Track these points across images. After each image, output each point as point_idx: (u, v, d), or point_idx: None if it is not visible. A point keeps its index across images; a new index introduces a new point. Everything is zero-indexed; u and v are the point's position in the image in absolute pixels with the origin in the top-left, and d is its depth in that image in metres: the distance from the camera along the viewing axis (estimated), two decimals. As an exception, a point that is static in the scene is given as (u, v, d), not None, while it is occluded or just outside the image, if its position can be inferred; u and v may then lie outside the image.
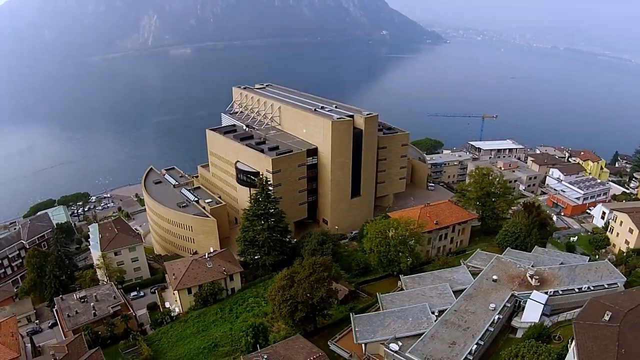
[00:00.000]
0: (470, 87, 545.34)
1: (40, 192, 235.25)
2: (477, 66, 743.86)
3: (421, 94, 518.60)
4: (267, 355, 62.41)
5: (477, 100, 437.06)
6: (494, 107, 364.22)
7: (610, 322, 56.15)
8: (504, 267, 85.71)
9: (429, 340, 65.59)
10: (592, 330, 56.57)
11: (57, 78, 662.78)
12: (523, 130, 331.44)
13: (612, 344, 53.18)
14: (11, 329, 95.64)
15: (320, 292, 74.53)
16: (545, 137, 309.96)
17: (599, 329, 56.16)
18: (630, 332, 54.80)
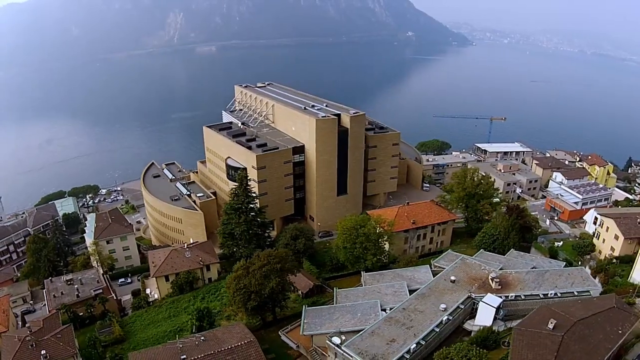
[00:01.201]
0: (489, 90, 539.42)
1: (55, 183, 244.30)
2: (500, 69, 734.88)
3: (442, 95, 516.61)
4: (203, 337, 64.87)
5: (493, 103, 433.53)
6: (509, 110, 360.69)
7: (554, 331, 54.23)
8: (467, 269, 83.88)
9: (368, 336, 65.48)
10: (532, 338, 54.86)
11: (83, 74, 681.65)
12: (536, 134, 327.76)
13: (550, 354, 51.37)
14: (3, 306, 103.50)
15: (272, 283, 76.73)
16: (560, 141, 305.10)
17: (540, 337, 54.39)
18: (575, 343, 53.06)
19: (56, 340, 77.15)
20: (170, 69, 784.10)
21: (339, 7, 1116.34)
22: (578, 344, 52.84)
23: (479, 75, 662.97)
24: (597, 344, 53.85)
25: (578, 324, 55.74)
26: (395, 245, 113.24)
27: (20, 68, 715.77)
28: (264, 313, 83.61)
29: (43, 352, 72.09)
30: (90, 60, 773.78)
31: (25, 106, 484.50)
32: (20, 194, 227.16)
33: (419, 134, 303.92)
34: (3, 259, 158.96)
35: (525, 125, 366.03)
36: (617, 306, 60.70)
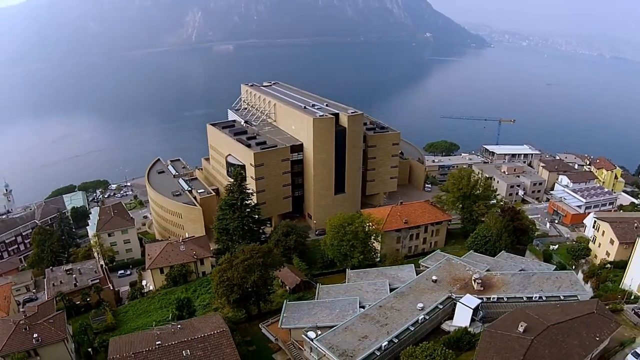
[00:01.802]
0: (503, 92, 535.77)
1: (67, 178, 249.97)
2: (516, 71, 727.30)
3: (457, 97, 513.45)
4: (180, 326, 66.99)
5: (507, 105, 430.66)
6: (522, 113, 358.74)
7: (524, 334, 53.47)
8: (451, 269, 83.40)
9: (341, 332, 66.27)
10: (501, 340, 54.45)
11: (100, 71, 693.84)
12: (548, 137, 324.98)
13: (517, 358, 50.76)
14: (5, 293, 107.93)
15: (254, 277, 78.37)
16: (574, 145, 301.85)
17: (509, 340, 53.76)
18: (545, 348, 52.18)
19: (48, 325, 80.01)
20: (187, 67, 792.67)
21: (357, 7, 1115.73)
22: (548, 349, 52.10)
23: (495, 78, 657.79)
24: (570, 349, 53.15)
25: (551, 329, 55.07)
26: (387, 245, 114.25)
27: (38, 64, 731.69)
28: (248, 306, 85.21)
29: (35, 335, 75.36)
30: (109, 57, 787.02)
31: (42, 102, 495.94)
32: (32, 188, 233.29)
33: (430, 134, 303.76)
34: (11, 249, 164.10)
35: (537, 128, 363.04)
36: (598, 312, 59.98)
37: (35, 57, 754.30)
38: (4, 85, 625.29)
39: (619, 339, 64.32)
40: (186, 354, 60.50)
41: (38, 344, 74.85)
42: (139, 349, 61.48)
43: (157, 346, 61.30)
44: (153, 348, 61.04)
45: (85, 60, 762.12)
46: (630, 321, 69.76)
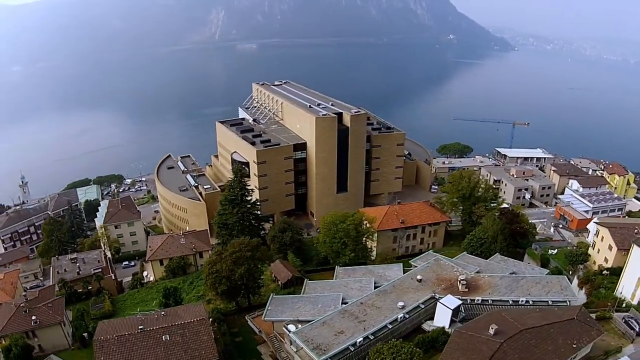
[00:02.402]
0: (524, 96, 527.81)
1: (84, 171, 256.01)
2: (538, 75, 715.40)
3: (477, 100, 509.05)
4: (164, 312, 69.77)
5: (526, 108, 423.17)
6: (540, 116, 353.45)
7: (494, 337, 53.10)
8: (439, 269, 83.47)
9: (318, 326, 67.31)
10: (470, 341, 54.44)
11: (124, 67, 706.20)
12: (565, 141, 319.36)
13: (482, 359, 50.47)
14: (12, 279, 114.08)
15: (241, 270, 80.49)
16: (592, 150, 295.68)
17: (478, 341, 53.55)
18: (515, 352, 51.72)
19: (47, 308, 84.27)
20: (209, 65, 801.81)
21: (381, 7, 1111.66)
22: (518, 353, 51.55)
23: (517, 81, 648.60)
24: (542, 355, 52.56)
25: (524, 333, 54.46)
26: (384, 244, 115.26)
27: (62, 59, 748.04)
28: (238, 298, 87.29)
29: (34, 317, 79.99)
30: (132, 54, 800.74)
31: (64, 97, 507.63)
32: (49, 181, 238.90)
33: (446, 136, 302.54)
34: (24, 238, 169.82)
35: (554, 132, 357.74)
36: (578, 319, 59.24)
37: (59, 53, 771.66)
38: (28, 80, 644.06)
39: (604, 348, 63.80)
40: (165, 338, 63.33)
41: (36, 326, 79.41)
42: (122, 332, 64.62)
43: (139, 330, 64.28)
44: (135, 332, 64.02)
45: (108, 57, 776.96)
46: (618, 330, 68.92)
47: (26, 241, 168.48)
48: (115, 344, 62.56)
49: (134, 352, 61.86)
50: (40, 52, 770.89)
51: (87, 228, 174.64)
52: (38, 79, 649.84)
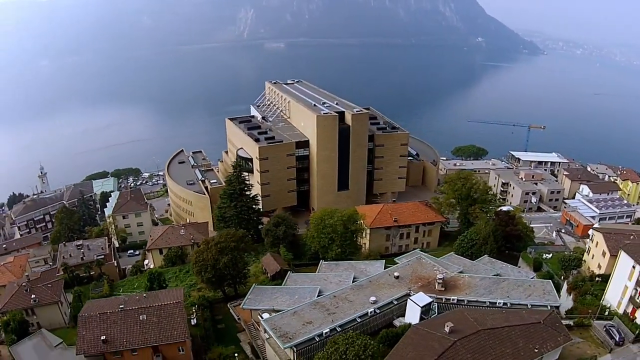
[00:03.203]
0: (548, 100, 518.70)
1: (104, 164, 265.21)
2: (565, 80, 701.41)
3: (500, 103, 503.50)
4: (145, 295, 74.60)
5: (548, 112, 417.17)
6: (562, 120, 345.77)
7: (449, 335, 53.46)
8: (419, 268, 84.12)
9: (289, 315, 69.78)
10: (423, 338, 55.19)
11: (152, 64, 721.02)
12: (584, 146, 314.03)
13: (430, 357, 50.95)
14: (22, 262, 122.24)
15: (225, 258, 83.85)
16: (611, 156, 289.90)
17: (432, 338, 54.21)
18: (468, 352, 51.81)
19: (46, 288, 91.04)
20: (237, 64, 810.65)
21: (409, 9, 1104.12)
22: (472, 353, 51.65)
23: (543, 85, 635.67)
24: (497, 357, 52.57)
25: (481, 333, 54.45)
26: (377, 242, 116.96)
27: (91, 55, 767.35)
28: (224, 287, 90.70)
29: (33, 296, 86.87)
30: (161, 51, 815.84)
31: (93, 91, 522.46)
32: (69, 172, 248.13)
33: (463, 138, 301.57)
34: (39, 226, 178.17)
35: (574, 137, 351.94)
36: (545, 323, 58.89)
37: (88, 49, 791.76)
38: (56, 75, 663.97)
39: (578, 356, 64.23)
40: (142, 318, 68.08)
41: (35, 304, 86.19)
42: (104, 310, 69.96)
43: (119, 309, 69.36)
44: (116, 310, 69.16)
45: (138, 54, 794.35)
46: (597, 338, 68.82)
47: (41, 229, 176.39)
48: (97, 320, 67.73)
49: (113, 329, 66.82)
50: (69, 48, 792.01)
51: (99, 218, 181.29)
52: (66, 74, 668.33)
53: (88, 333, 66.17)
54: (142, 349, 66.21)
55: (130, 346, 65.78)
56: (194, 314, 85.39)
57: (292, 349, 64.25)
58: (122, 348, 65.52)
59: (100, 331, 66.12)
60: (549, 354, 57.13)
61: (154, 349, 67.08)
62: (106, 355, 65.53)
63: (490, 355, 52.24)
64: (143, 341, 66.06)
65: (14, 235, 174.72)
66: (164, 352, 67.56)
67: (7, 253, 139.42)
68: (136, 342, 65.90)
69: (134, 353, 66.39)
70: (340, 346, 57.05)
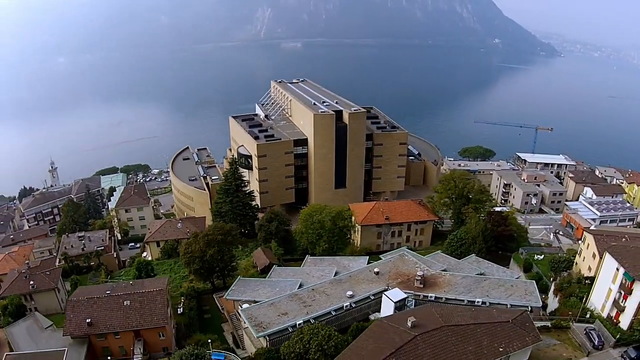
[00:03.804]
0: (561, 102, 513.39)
1: (115, 160, 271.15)
2: (580, 82, 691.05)
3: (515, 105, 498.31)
4: (132, 282, 78.04)
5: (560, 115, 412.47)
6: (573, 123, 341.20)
7: (411, 329, 53.39)
8: (401, 265, 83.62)
9: (266, 306, 72.01)
10: (385, 331, 55.54)
11: (169, 62, 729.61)
12: (593, 149, 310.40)
13: (389, 349, 50.91)
14: (26, 252, 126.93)
15: (211, 251, 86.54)
16: (620, 159, 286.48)
17: (393, 332, 54.41)
18: (428, 347, 51.97)
19: (44, 275, 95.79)
20: (254, 63, 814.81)
21: (426, 9, 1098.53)
22: (432, 348, 51.74)
23: (557, 87, 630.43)
24: (459, 354, 52.46)
25: (444, 329, 54.23)
26: (368, 239, 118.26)
27: (107, 53, 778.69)
28: (212, 278, 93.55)
29: (31, 282, 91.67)
30: (178, 49, 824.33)
31: (107, 88, 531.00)
32: (80, 167, 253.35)
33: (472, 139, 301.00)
34: (47, 219, 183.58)
35: (584, 140, 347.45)
36: (514, 323, 58.33)
37: (105, 46, 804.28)
38: (72, 71, 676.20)
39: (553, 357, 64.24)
40: (126, 303, 71.03)
41: (33, 290, 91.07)
42: (92, 295, 73.45)
43: (106, 295, 72.67)
44: (102, 296, 72.42)
45: (154, 51, 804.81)
46: (575, 341, 68.41)
47: (49, 221, 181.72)
48: (84, 304, 71.10)
49: (98, 312, 70.08)
50: (86, 45, 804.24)
51: (105, 212, 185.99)
52: (83, 71, 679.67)
53: (75, 316, 69.72)
54: (124, 333, 69.48)
55: (113, 329, 69.15)
56: (181, 303, 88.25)
57: (265, 338, 66.67)
58: (105, 331, 68.95)
59: (86, 314, 69.51)
60: (516, 354, 56.88)
61: (135, 333, 70.24)
62: (91, 337, 69.07)
63: (451, 352, 52.27)
64: (125, 325, 69.28)
65: (23, 227, 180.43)
66: (145, 336, 70.69)
67: (14, 244, 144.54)
68: (119, 326, 69.23)
69: (117, 336, 69.72)
70: (304, 336, 59.52)
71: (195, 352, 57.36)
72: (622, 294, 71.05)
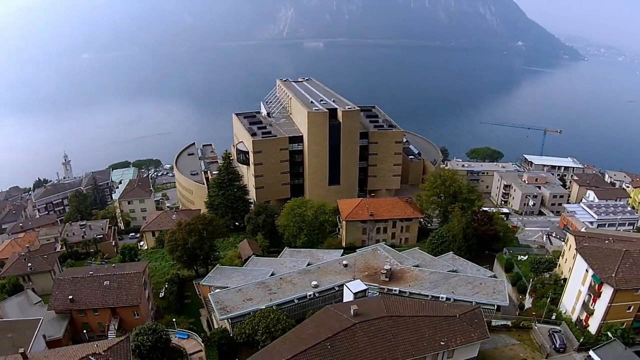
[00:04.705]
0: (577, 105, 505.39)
1: (129, 154, 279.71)
2: (601, 86, 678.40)
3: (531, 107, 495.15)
4: (115, 265, 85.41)
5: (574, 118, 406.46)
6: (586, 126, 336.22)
7: (353, 317, 55.79)
8: (372, 259, 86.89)
9: (233, 292, 76.35)
10: (330, 317, 58.18)
11: (192, 60, 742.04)
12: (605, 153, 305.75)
13: (325, 334, 53.53)
14: (31, 238, 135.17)
15: (193, 239, 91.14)
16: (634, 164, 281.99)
17: (336, 319, 56.94)
18: (367, 335, 53.96)
19: (42, 259, 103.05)
20: (276, 62, 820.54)
21: (449, 11, 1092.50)
22: (370, 337, 53.69)
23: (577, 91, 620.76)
24: (397, 343, 54.28)
25: (386, 319, 55.99)
26: (353, 235, 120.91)
27: (132, 50, 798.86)
28: (196, 266, 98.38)
29: (29, 264, 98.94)
30: (201, 48, 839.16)
31: (132, 84, 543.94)
32: (94, 161, 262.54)
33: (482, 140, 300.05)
34: (58, 209, 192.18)
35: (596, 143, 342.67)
36: (461, 318, 59.50)
37: (130, 44, 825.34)
38: (97, 68, 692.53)
39: (509, 357, 65.43)
40: (106, 284, 77.31)
41: (30, 271, 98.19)
42: (77, 275, 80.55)
43: (89, 275, 79.42)
44: (86, 276, 79.08)
45: (178, 49, 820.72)
46: (536, 341, 69.05)
47: (60, 211, 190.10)
48: (69, 283, 77.79)
49: (80, 291, 76.55)
50: (111, 42, 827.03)
51: (110, 203, 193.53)
52: (106, 67, 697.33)
53: (60, 293, 76.20)
54: (102, 310, 75.68)
55: (92, 306, 75.45)
56: (164, 288, 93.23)
57: (228, 321, 71.07)
58: (85, 307, 75.36)
59: (69, 292, 75.89)
60: (463, 350, 58.63)
61: (112, 311, 76.20)
62: (72, 313, 75.50)
63: (389, 341, 54.31)
64: (103, 302, 75.46)
65: (34, 216, 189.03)
66: (121, 314, 76.57)
67: (22, 231, 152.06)
68: (97, 303, 75.44)
69: (96, 313, 75.99)
70: (255, 319, 63.81)
71: (153, 327, 61.66)
72: (592, 297, 70.77)
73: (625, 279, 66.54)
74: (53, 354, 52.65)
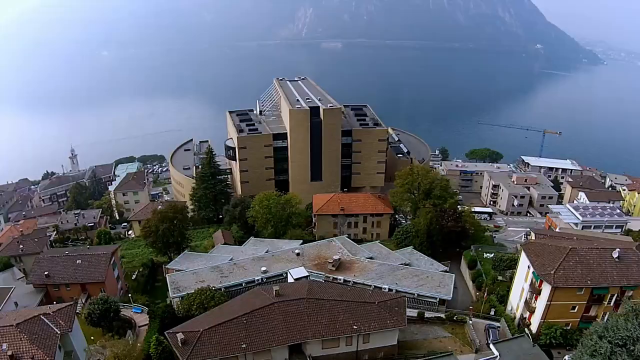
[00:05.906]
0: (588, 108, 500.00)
1: (135, 150, 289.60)
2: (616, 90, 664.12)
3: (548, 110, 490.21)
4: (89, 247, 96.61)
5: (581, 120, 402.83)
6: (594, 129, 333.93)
7: (275, 297, 60.98)
8: (325, 249, 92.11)
9: (188, 274, 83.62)
10: (255, 296, 63.95)
11: (210, 58, 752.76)
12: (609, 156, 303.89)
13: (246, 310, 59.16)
14: (30, 225, 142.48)
15: (163, 226, 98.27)
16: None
17: (260, 297, 62.29)
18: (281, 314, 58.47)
19: (33, 242, 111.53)
20: (294, 61, 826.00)
21: (468, 13, 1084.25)
22: (283, 316, 58.54)
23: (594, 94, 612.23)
24: (310, 323, 58.57)
25: (303, 301, 60.10)
26: (324, 228, 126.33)
27: (151, 48, 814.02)
28: (170, 252, 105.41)
29: (21, 246, 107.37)
30: (220, 46, 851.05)
31: (149, 81, 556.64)
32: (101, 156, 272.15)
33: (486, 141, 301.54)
34: (61, 200, 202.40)
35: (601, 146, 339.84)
36: (379, 305, 62.31)
37: (149, 41, 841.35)
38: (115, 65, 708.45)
39: (437, 348, 66.76)
40: (78, 262, 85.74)
41: (21, 253, 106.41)
42: (53, 255, 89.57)
43: (65, 254, 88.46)
44: (61, 256, 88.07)
45: (197, 47, 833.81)
46: (468, 336, 70.97)
47: (63, 202, 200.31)
48: (46, 261, 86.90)
49: (56, 268, 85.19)
50: (130, 40, 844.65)
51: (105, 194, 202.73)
52: (125, 64, 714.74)
53: (38, 269, 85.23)
54: (74, 285, 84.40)
55: (64, 281, 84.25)
56: (137, 271, 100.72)
57: (179, 299, 77.83)
58: (58, 282, 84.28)
59: (45, 269, 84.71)
60: (379, 336, 61.92)
61: (82, 287, 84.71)
62: (48, 287, 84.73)
63: (302, 320, 58.54)
64: (74, 278, 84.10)
65: (40, 207, 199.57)
66: (90, 290, 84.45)
67: (25, 219, 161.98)
68: (68, 279, 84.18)
69: (68, 288, 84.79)
70: (194, 294, 70.72)
71: (105, 298, 69.06)
72: (533, 295, 71.36)
73: (565, 276, 65.82)
74: (13, 313, 62.29)
